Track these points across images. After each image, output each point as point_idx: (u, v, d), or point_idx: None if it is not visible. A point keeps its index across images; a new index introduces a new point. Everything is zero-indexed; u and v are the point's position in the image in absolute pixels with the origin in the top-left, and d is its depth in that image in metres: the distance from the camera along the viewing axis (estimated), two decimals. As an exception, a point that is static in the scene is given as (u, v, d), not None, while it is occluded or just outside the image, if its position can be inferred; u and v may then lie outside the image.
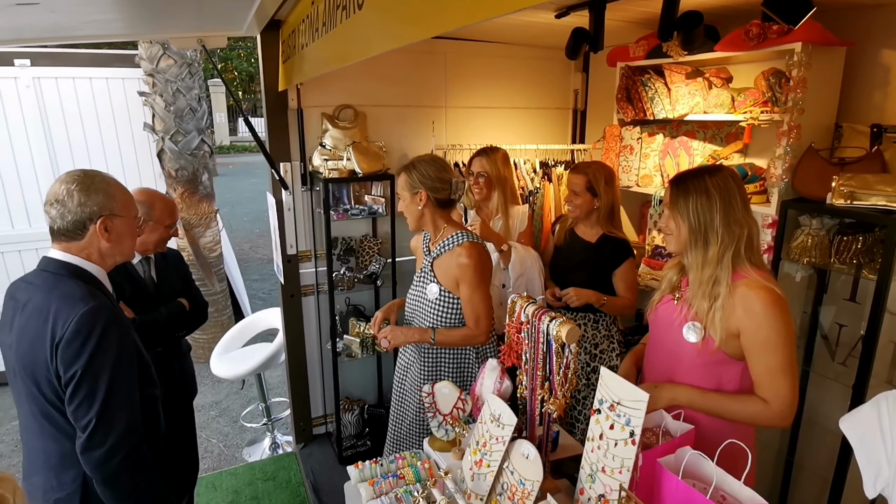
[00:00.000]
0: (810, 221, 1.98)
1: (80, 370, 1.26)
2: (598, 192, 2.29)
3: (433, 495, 1.44)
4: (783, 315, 1.35)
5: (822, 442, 2.21)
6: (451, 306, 1.98)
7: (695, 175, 1.46)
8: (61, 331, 1.26)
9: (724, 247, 1.40)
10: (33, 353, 1.30)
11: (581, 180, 2.30)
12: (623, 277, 2.32)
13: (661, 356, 1.60)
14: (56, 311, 1.28)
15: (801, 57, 1.87)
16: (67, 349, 1.26)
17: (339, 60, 1.61)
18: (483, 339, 2.00)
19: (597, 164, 2.36)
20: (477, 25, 2.79)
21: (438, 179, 1.94)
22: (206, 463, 3.39)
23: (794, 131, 1.93)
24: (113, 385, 1.30)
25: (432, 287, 2.00)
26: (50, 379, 1.29)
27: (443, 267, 1.98)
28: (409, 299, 2.14)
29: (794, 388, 1.37)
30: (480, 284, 1.93)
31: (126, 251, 1.48)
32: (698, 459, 1.26)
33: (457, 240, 1.96)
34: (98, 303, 1.31)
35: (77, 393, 1.28)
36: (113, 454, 1.31)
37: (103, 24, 2.30)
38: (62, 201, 1.34)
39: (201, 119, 4.50)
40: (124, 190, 1.45)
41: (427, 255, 2.06)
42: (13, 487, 0.60)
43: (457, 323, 2.00)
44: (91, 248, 1.39)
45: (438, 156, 2.03)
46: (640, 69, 2.59)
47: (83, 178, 1.36)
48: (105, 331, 1.29)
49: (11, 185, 4.16)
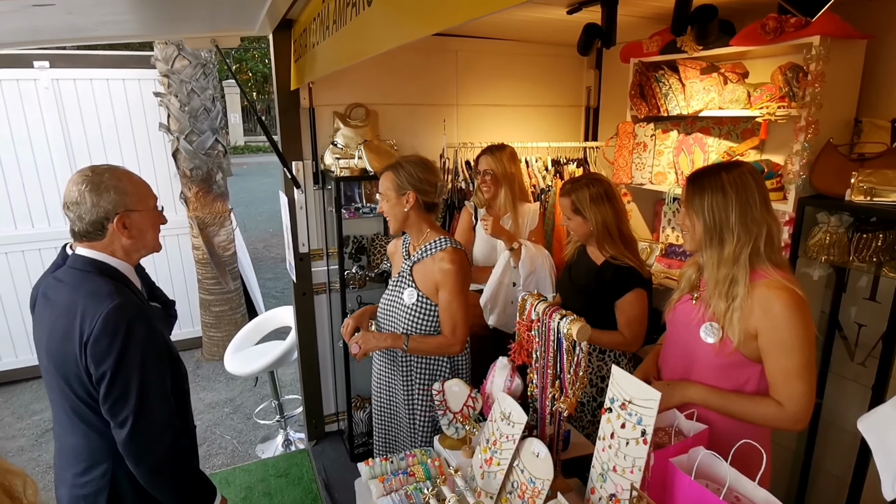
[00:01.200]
0: (829, 219, 1.93)
1: (110, 368, 1.28)
2: (585, 214, 2.04)
3: (443, 493, 1.44)
4: (803, 317, 1.32)
5: (840, 443, 2.16)
6: (427, 313, 1.94)
7: (711, 172, 1.43)
8: (89, 328, 1.27)
9: (740, 245, 1.37)
10: (63, 350, 1.32)
11: (566, 203, 2.09)
12: (623, 310, 2.02)
13: (678, 356, 1.57)
14: (84, 309, 1.29)
15: (820, 50, 1.84)
16: (96, 347, 1.27)
17: (349, 58, 1.61)
18: (458, 349, 1.95)
19: (583, 181, 2.12)
20: (488, 22, 2.81)
21: (426, 181, 1.89)
22: (219, 459, 3.43)
23: (811, 127, 1.89)
24: (145, 380, 1.31)
25: (410, 292, 1.95)
26: (80, 375, 1.31)
27: (422, 272, 1.94)
28: (383, 304, 2.08)
29: (811, 391, 1.34)
30: (461, 292, 1.89)
31: (150, 244, 1.47)
32: (712, 460, 1.24)
33: (439, 245, 1.92)
34: (124, 299, 1.32)
35: (111, 391, 1.29)
36: (154, 447, 1.33)
37: (118, 24, 2.33)
38: (77, 203, 1.34)
39: (216, 119, 4.54)
40: (137, 182, 1.43)
41: (406, 260, 2.00)
42: (23, 480, 0.60)
43: (431, 330, 1.95)
44: (114, 246, 1.40)
45: (425, 157, 1.99)
46: (653, 65, 2.55)
47: (92, 178, 1.35)
48: (131, 327, 1.30)
49: (31, 185, 4.24)
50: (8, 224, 4.23)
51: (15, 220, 4.25)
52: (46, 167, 4.26)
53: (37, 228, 4.32)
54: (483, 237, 2.58)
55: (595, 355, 2.11)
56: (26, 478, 0.60)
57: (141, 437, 1.32)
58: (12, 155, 4.15)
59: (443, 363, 2.01)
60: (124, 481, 1.39)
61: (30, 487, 0.60)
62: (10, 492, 0.57)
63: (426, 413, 2.02)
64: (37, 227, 4.32)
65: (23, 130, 4.15)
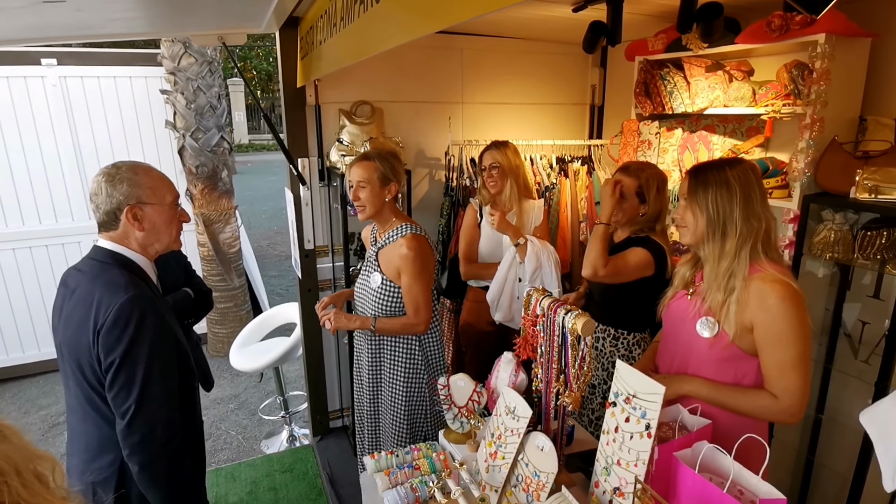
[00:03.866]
0: (833, 216, 1.94)
1: (118, 358, 1.30)
2: (648, 199, 2.04)
3: (448, 486, 1.45)
4: (798, 310, 1.33)
5: (843, 440, 2.17)
6: (391, 295, 2.05)
7: (715, 166, 1.44)
8: (103, 318, 1.30)
9: (742, 240, 1.38)
10: (78, 338, 1.35)
11: (632, 183, 2.04)
12: (616, 258, 1.99)
13: (675, 352, 1.58)
14: (99, 299, 1.32)
15: (825, 48, 1.84)
16: (108, 336, 1.30)
17: (356, 55, 1.63)
18: (423, 329, 2.07)
19: (651, 168, 2.11)
20: (493, 20, 2.81)
21: (402, 174, 2.07)
22: (224, 454, 3.46)
23: (816, 124, 1.90)
24: (150, 373, 1.33)
25: (375, 276, 2.08)
26: (92, 364, 1.34)
27: (386, 257, 2.05)
28: (357, 288, 2.21)
29: (805, 384, 1.35)
30: (420, 275, 1.99)
31: (164, 239, 1.49)
32: (715, 454, 1.25)
33: (401, 231, 2.03)
34: (138, 292, 1.35)
35: (116, 380, 1.32)
36: (151, 441, 1.35)
37: (127, 22, 2.35)
38: (96, 194, 1.40)
39: (221, 116, 4.57)
40: (155, 176, 1.45)
41: (373, 245, 2.13)
42: (52, 465, 0.61)
43: (397, 311, 2.07)
44: (129, 238, 1.43)
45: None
46: (658, 63, 2.56)
47: (110, 170, 1.40)
48: (142, 320, 1.32)
49: (39, 181, 4.27)
50: (16, 220, 4.26)
51: (23, 217, 4.28)
52: (54, 164, 4.29)
53: (44, 225, 4.35)
54: (488, 234, 2.59)
55: (608, 341, 2.15)
56: (55, 463, 0.62)
57: (138, 430, 1.33)
58: (20, 151, 4.18)
59: (412, 342, 2.13)
60: None
61: (58, 472, 0.62)
62: (41, 477, 0.59)
63: (398, 385, 2.16)
64: (44, 223, 4.35)
65: (30, 127, 4.18)
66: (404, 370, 2.14)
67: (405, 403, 2.15)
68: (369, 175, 1.98)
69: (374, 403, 2.26)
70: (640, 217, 2.07)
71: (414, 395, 2.15)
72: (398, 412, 2.17)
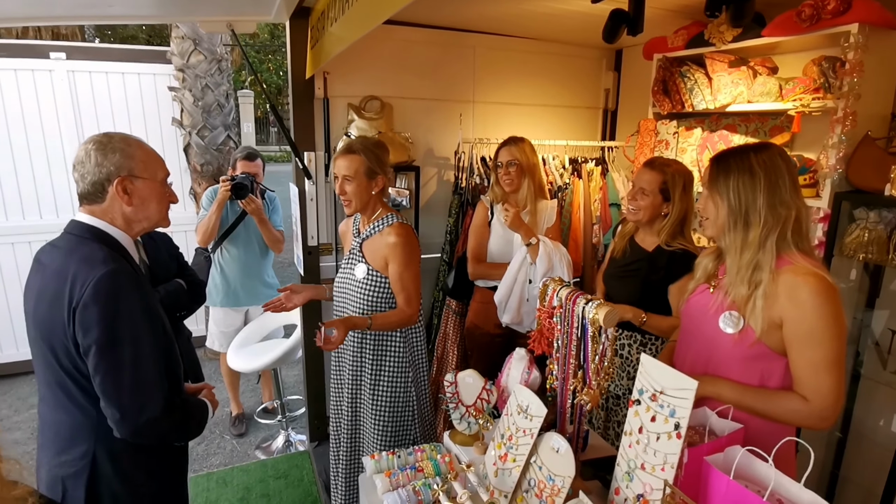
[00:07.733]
0: (867, 214, 1.84)
1: (99, 338, 1.19)
2: (673, 197, 1.93)
3: (454, 489, 1.34)
4: (832, 305, 1.21)
5: (871, 454, 2.04)
6: (378, 286, 1.98)
7: (738, 152, 1.34)
8: (79, 293, 1.19)
9: (767, 229, 1.27)
10: (51, 317, 1.23)
11: (655, 178, 1.93)
12: (679, 295, 1.83)
13: (695, 350, 1.46)
14: (75, 273, 1.21)
15: (858, 39, 1.76)
16: (84, 313, 1.18)
17: (360, 28, 1.55)
18: (415, 320, 2.01)
19: (677, 165, 1.99)
20: (508, 17, 2.75)
21: (388, 165, 2.01)
22: (217, 458, 3.33)
23: (849, 118, 1.81)
24: (138, 354, 1.23)
25: (360, 267, 2.01)
26: (66, 345, 1.22)
27: (372, 247, 1.99)
28: (338, 283, 2.12)
29: (839, 386, 1.23)
30: (410, 263, 1.94)
31: (153, 216, 1.40)
32: (749, 460, 1.13)
33: (387, 221, 1.98)
34: (118, 266, 1.24)
35: (100, 364, 1.20)
36: (151, 425, 1.26)
37: (133, 4, 2.29)
38: (82, 162, 1.30)
39: (228, 115, 4.53)
40: (148, 151, 1.38)
41: (356, 237, 2.06)
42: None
43: (383, 303, 1.99)
44: (114, 213, 1.33)
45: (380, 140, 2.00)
46: (677, 60, 2.48)
47: (102, 139, 1.31)
48: (125, 295, 1.22)
49: (42, 175, 4.21)
50: (17, 214, 4.20)
51: (24, 211, 4.21)
52: (58, 158, 4.23)
53: (45, 220, 4.28)
54: (499, 232, 2.49)
55: (636, 347, 2.02)
56: None
57: (134, 417, 1.23)
58: (24, 145, 4.12)
59: (395, 335, 2.04)
60: (106, 464, 1.29)
61: None
62: None
63: (381, 385, 2.05)
64: (45, 217, 4.28)
65: (36, 121, 4.12)
66: (388, 368, 2.03)
67: (389, 405, 2.03)
68: (355, 168, 1.92)
69: (355, 407, 2.12)
70: (663, 216, 1.95)
71: (399, 395, 2.04)
72: (381, 415, 2.03)
